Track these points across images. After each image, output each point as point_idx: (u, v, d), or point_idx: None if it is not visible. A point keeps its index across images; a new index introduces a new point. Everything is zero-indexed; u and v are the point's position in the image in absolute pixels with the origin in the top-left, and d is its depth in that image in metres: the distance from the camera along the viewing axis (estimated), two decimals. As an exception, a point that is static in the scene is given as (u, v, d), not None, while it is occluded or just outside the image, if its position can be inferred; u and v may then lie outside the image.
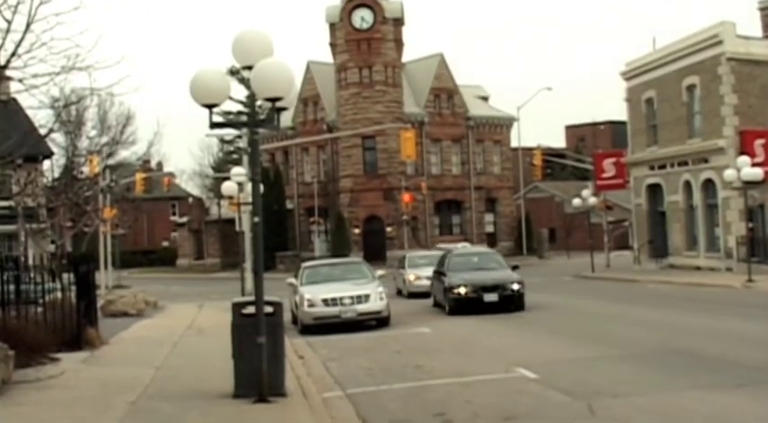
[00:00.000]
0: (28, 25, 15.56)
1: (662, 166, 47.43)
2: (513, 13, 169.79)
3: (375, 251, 68.78)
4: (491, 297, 26.01)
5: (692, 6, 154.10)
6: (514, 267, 29.13)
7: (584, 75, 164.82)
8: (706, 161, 43.23)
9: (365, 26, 72.70)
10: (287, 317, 18.77)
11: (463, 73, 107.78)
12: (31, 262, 21.86)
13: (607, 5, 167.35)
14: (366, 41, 72.38)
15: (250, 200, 26.52)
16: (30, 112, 25.66)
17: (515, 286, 26.48)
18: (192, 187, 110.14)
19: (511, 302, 26.17)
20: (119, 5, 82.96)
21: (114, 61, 17.16)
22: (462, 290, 26.27)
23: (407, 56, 77.36)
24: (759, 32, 47.11)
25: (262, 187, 14.07)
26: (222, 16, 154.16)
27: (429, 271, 32.78)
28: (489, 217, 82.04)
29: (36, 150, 30.07)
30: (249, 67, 12.28)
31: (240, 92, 40.00)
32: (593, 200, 52.96)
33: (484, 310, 25.58)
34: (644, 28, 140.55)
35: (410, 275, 36.76)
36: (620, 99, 52.61)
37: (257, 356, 12.37)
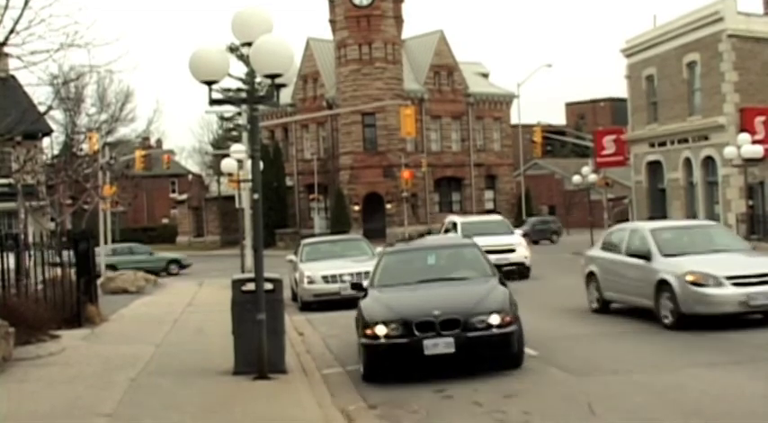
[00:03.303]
0: (26, 2, 15.53)
1: (662, 144, 47.38)
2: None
3: (375, 228, 68.83)
4: (440, 345, 12.47)
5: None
6: (509, 269, 17.88)
7: (584, 52, 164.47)
8: (706, 138, 43.19)
9: (365, 3, 72.50)
10: (287, 294, 18.78)
11: (462, 50, 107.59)
12: (30, 239, 21.84)
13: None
14: (366, 18, 72.19)
15: (250, 177, 26.46)
16: (29, 90, 25.64)
17: (493, 319, 12.66)
18: (192, 164, 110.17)
19: (485, 353, 12.90)
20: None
21: (113, 38, 17.19)
22: (381, 329, 12.67)
23: (407, 33, 77.25)
24: (760, 9, 46.95)
25: (261, 164, 14.06)
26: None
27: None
28: (489, 194, 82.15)
29: (35, 128, 30.04)
30: (249, 44, 12.25)
31: (239, 69, 39.99)
32: (593, 177, 53.00)
33: (427, 369, 12.84)
34: (645, 7, 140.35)
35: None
36: (621, 76, 52.56)
37: (257, 333, 12.40)
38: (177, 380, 12.96)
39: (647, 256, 17.31)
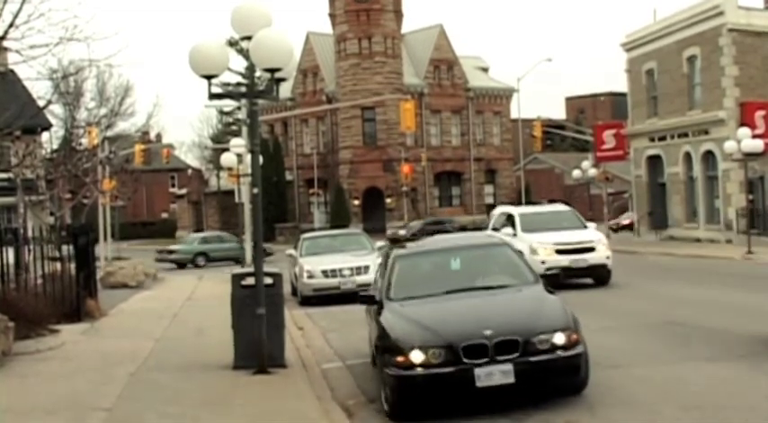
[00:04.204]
0: (25, -5, 15.49)
1: (662, 138, 47.36)
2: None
3: (375, 222, 68.81)
4: (495, 374, 9.91)
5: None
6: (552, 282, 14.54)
7: (584, 46, 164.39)
8: (706, 133, 43.16)
9: (364, -3, 72.45)
10: (286, 288, 18.76)
11: (462, 44, 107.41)
12: (30, 234, 21.83)
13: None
14: (365, 12, 72.14)
15: (249, 171, 26.47)
16: (28, 84, 25.58)
17: (558, 338, 10.18)
18: (192, 159, 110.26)
19: (549, 381, 10.39)
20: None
21: (112, 32, 17.16)
22: (418, 356, 9.99)
23: (406, 27, 77.21)
24: (760, 3, 46.90)
25: (261, 159, 14.03)
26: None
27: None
28: (489, 188, 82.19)
29: (34, 122, 29.96)
30: (248, 38, 12.22)
31: (239, 63, 39.98)
32: (592, 171, 52.97)
33: (477, 405, 10.19)
34: (645, 1, 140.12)
35: None
36: (621, 70, 52.56)
37: (257, 328, 12.39)
38: (177, 374, 12.96)
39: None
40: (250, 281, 12.92)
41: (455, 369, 9.89)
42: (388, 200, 72.63)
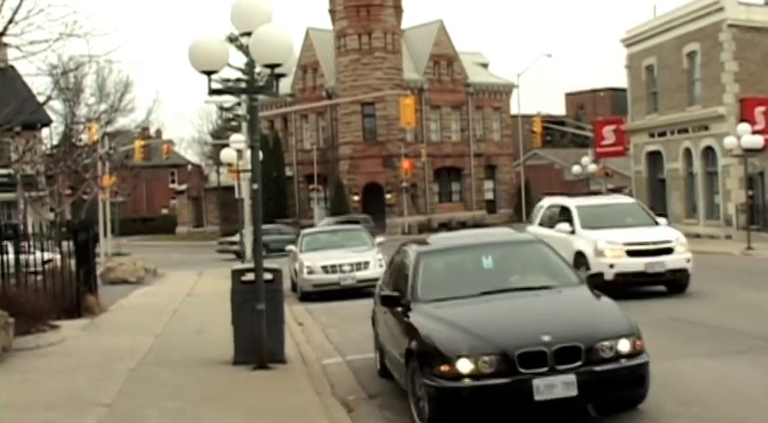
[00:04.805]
0: (25, -8, 15.49)
1: (662, 134, 47.35)
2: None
3: (374, 218, 68.80)
4: (557, 386, 8.68)
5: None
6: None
7: (584, 42, 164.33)
8: (706, 128, 43.16)
9: (364, -8, 72.36)
10: (286, 284, 18.78)
11: (462, 40, 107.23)
12: (30, 230, 21.84)
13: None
14: (365, 8, 72.06)
15: (249, 167, 26.47)
16: (28, 80, 25.60)
17: (622, 345, 9.03)
18: (191, 155, 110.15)
19: (613, 394, 9.09)
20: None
21: (112, 28, 17.19)
22: (466, 365, 8.75)
23: (406, 22, 77.16)
24: (760, -1, 46.92)
25: (261, 154, 14.05)
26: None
27: None
28: (489, 184, 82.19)
29: (34, 118, 30.01)
30: (248, 34, 12.21)
31: (239, 59, 39.87)
32: (592, 167, 53.01)
33: (530, 421, 8.99)
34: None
35: None
36: (621, 66, 52.54)
37: (257, 323, 12.40)
38: (177, 370, 12.97)
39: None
40: (250, 277, 12.93)
41: (510, 380, 8.67)
42: (388, 195, 72.61)
